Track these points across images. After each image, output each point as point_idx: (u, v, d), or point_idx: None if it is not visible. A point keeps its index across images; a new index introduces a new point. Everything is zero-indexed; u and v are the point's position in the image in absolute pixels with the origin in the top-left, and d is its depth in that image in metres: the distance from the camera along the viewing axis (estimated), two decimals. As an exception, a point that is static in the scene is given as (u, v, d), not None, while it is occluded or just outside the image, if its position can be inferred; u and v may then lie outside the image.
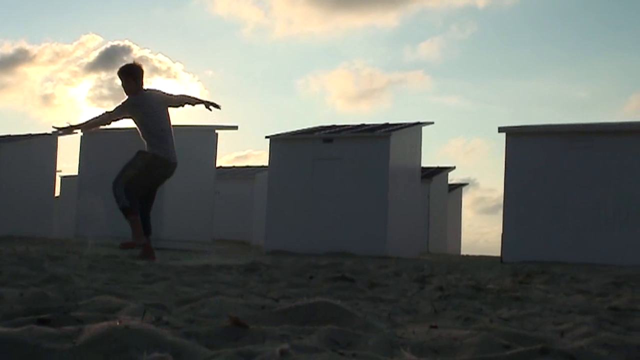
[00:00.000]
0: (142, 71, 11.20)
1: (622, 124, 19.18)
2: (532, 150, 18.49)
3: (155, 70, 67.85)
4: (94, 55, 72.70)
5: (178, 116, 76.70)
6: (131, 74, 11.04)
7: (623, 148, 17.86)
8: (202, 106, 11.32)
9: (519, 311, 4.69)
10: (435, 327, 3.23)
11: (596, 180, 17.80)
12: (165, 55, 79.02)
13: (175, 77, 65.98)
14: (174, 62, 76.86)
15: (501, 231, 18.87)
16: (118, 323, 2.52)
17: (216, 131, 22.03)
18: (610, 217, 17.68)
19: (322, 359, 2.09)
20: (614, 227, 17.61)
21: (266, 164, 21.87)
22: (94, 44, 72.12)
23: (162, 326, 2.79)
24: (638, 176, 17.60)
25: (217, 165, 24.00)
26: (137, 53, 67.34)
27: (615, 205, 17.66)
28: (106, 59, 66.25)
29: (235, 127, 22.44)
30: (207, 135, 21.79)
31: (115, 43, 69.65)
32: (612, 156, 17.80)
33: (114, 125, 11.63)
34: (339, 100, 75.61)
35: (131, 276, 6.64)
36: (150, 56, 71.59)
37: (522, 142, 18.66)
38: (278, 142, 21.02)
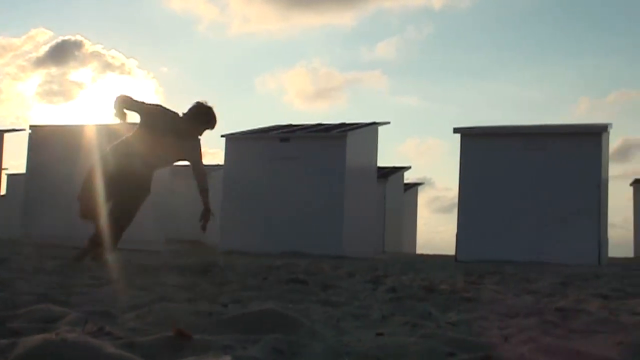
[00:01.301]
0: None
1: (570, 125, 19.43)
2: (486, 151, 18.63)
3: (108, 66, 67.44)
4: (43, 49, 71.60)
5: (130, 116, 76.17)
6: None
7: (574, 149, 18.08)
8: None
9: (467, 314, 4.73)
10: (382, 334, 3.25)
11: (548, 180, 17.98)
12: (119, 51, 78.19)
13: (129, 73, 65.54)
14: (127, 58, 76.24)
15: (456, 230, 19.00)
16: (54, 335, 2.45)
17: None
18: (560, 217, 17.86)
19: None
20: (564, 227, 17.80)
21: (222, 162, 21.79)
22: (44, 38, 71.17)
23: (103, 337, 2.77)
24: (585, 178, 17.83)
25: (172, 164, 23.83)
26: (90, 48, 66.79)
27: (566, 206, 17.85)
28: (56, 54, 65.63)
29: (190, 126, 22.32)
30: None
31: (66, 38, 69.16)
32: (563, 157, 18.00)
33: (63, 122, 11.20)
34: (296, 99, 75.57)
35: (79, 279, 6.59)
36: (103, 52, 71.02)
37: (476, 142, 18.79)
38: (233, 141, 20.95)
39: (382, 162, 25.17)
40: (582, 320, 4.46)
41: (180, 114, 9.85)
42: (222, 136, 21.12)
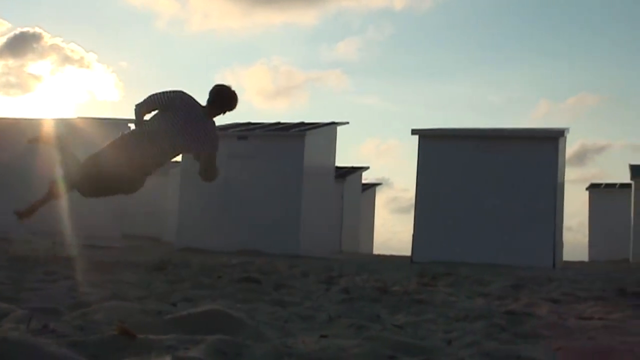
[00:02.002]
0: None
1: (528, 129, 19.61)
2: (443, 153, 18.71)
3: (67, 59, 66.99)
4: (1, 41, 71.00)
5: (88, 110, 75.59)
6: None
7: (531, 153, 18.21)
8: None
9: (415, 317, 4.76)
10: (326, 336, 3.27)
11: (504, 183, 18.10)
12: (79, 45, 77.71)
13: (88, 67, 65.12)
14: (87, 52, 75.76)
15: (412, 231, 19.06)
16: (-4, 334, 2.44)
17: (129, 124, 21.79)
18: (513, 219, 17.99)
19: (202, 372, 2.10)
20: (518, 230, 17.93)
21: (180, 159, 21.72)
22: (1, 30, 70.68)
23: (47, 335, 2.77)
24: (541, 182, 17.98)
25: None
26: (49, 41, 66.26)
27: (522, 209, 17.98)
28: (14, 45, 65.00)
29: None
30: (119, 129, 21.53)
31: (24, 29, 68.54)
32: (520, 161, 18.13)
33: (20, 115, 11.06)
34: (256, 96, 75.48)
35: (32, 275, 6.56)
36: (63, 45, 70.59)
37: (433, 144, 18.86)
38: (191, 139, 20.87)
39: (340, 162, 25.24)
40: (530, 324, 4.51)
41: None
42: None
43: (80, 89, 64.80)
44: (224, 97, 9.82)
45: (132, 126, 21.61)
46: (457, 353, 2.98)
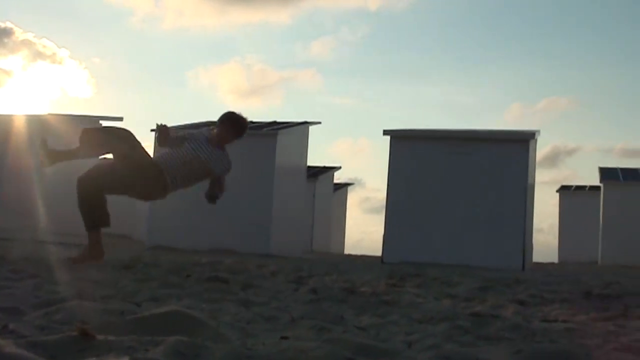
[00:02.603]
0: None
1: (499, 131, 19.70)
2: (414, 154, 18.78)
3: (39, 55, 66.62)
4: (-30, 36, 70.34)
5: (60, 106, 75.08)
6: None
7: (502, 155, 18.31)
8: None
9: (380, 318, 4.79)
10: (286, 338, 3.28)
11: (472, 185, 18.19)
12: (51, 40, 77.30)
13: (60, 63, 64.75)
14: (59, 48, 75.31)
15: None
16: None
17: (100, 121, 21.71)
18: (483, 221, 18.08)
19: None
20: (488, 231, 18.02)
21: (151, 153, 21.66)
22: (-30, 25, 69.97)
23: (5, 335, 2.76)
24: (511, 183, 18.07)
25: (102, 156, 23.68)
26: (20, 36, 65.74)
27: (492, 210, 18.07)
28: (-16, 40, 64.36)
29: (120, 119, 22.17)
30: (90, 126, 21.44)
31: (-5, 24, 67.83)
32: (491, 163, 18.23)
33: None
34: (229, 95, 75.38)
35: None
36: (35, 40, 70.04)
37: (405, 145, 18.92)
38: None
39: (312, 161, 25.25)
40: (494, 326, 4.53)
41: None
42: (151, 130, 21.00)
43: (52, 85, 64.38)
44: (233, 122, 9.75)
45: (103, 123, 21.51)
46: (416, 356, 3.00)
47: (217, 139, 9.57)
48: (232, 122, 9.83)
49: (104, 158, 9.25)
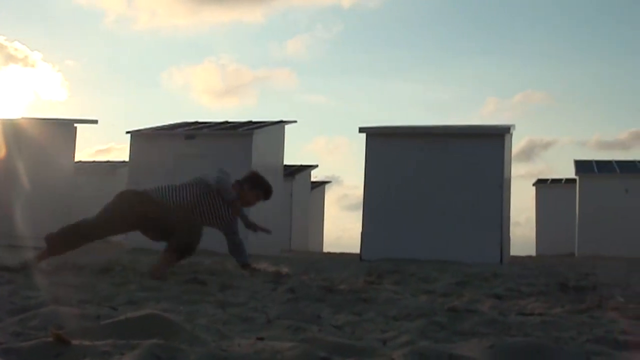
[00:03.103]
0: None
1: (474, 127, 19.79)
2: (390, 151, 18.81)
3: (11, 58, 65.90)
4: (-62, 40, 69.73)
5: (33, 110, 74.80)
6: None
7: (477, 150, 18.37)
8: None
9: (357, 316, 4.82)
10: (262, 339, 3.30)
11: (449, 180, 18.24)
12: (23, 43, 76.71)
13: (33, 66, 64.32)
14: (32, 51, 74.82)
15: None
16: None
17: (75, 125, 21.65)
18: (460, 216, 18.14)
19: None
20: (465, 226, 18.08)
21: (128, 158, 21.63)
22: (-62, 28, 69.45)
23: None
24: (487, 178, 18.14)
25: (77, 159, 23.64)
26: (-9, 40, 65.28)
27: (469, 205, 18.14)
28: (-47, 44, 63.77)
29: (95, 122, 22.12)
30: (65, 129, 21.39)
31: (-36, 27, 67.31)
32: (467, 158, 18.29)
33: None
34: (204, 95, 75.23)
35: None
36: (6, 44, 69.39)
37: (381, 142, 18.96)
38: (139, 138, 20.80)
39: (289, 160, 25.27)
40: (470, 321, 4.57)
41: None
42: (127, 132, 20.97)
43: (25, 89, 63.99)
44: (266, 191, 9.93)
45: (78, 126, 21.41)
46: (390, 353, 3.03)
47: (242, 201, 9.64)
48: (266, 191, 9.93)
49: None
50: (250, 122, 21.98)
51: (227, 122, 22.49)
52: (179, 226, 8.72)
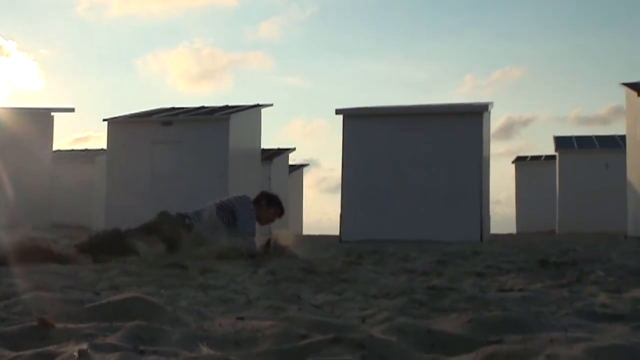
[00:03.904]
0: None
1: (451, 105, 19.84)
2: (367, 132, 18.87)
3: (-15, 49, 65.49)
4: None
5: (9, 100, 74.45)
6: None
7: (455, 129, 18.44)
8: None
9: (337, 296, 4.86)
10: (242, 318, 3.33)
11: (427, 160, 18.32)
12: (-4, 33, 76.27)
13: (8, 55, 63.92)
14: (6, 40, 74.48)
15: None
16: None
17: (52, 113, 21.63)
18: (440, 196, 18.23)
19: (116, 358, 2.15)
20: (445, 205, 18.17)
21: (106, 146, 21.62)
22: None
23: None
24: (466, 157, 18.23)
25: (55, 148, 23.62)
26: (-36, 30, 64.85)
27: (445, 185, 18.22)
28: None
29: (72, 110, 22.12)
30: (42, 118, 21.38)
31: (-63, 18, 66.78)
32: (445, 137, 18.36)
33: None
34: (179, 80, 74.99)
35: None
36: (-21, 35, 69.12)
37: (358, 123, 19.01)
38: (116, 125, 20.81)
39: (266, 144, 25.30)
40: (450, 298, 4.61)
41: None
42: (104, 120, 20.95)
43: (0, 79, 63.64)
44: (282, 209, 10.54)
45: (55, 115, 21.36)
46: (368, 329, 3.07)
47: (261, 219, 10.22)
48: (282, 208, 10.56)
49: None
50: (226, 107, 22.00)
51: (203, 107, 22.51)
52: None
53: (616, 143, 29.03)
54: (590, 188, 28.03)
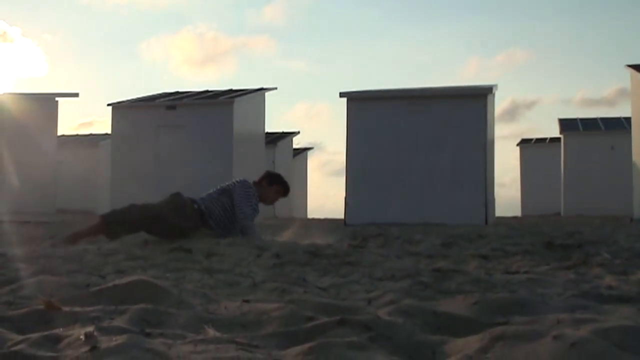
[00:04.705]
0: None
1: (456, 88, 19.78)
2: (371, 115, 18.83)
3: (-10, 35, 65.46)
4: None
5: (14, 85, 74.44)
6: None
7: (459, 111, 18.40)
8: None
9: (342, 278, 4.85)
10: (248, 301, 3.33)
11: (431, 143, 18.29)
12: (1, 19, 76.21)
13: (12, 41, 63.89)
14: (10, 26, 74.41)
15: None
16: None
17: (56, 99, 21.63)
18: (444, 178, 18.21)
19: (123, 340, 2.15)
20: (448, 188, 18.16)
21: (110, 131, 21.62)
22: None
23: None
24: (470, 139, 18.17)
25: (60, 133, 23.63)
26: (-31, 17, 64.79)
27: (449, 167, 18.19)
28: None
29: (76, 95, 22.11)
30: (46, 103, 21.38)
31: (-58, 5, 66.71)
32: (449, 119, 18.32)
33: None
34: (183, 65, 75.08)
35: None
36: (-15, 21, 69.04)
37: (362, 106, 18.97)
38: (120, 110, 20.82)
39: (270, 127, 25.30)
40: (456, 280, 4.61)
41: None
42: (108, 105, 20.95)
43: (5, 65, 63.64)
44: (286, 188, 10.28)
45: (60, 100, 21.34)
46: (374, 311, 3.07)
47: (263, 198, 9.99)
48: (285, 186, 10.28)
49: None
50: (230, 91, 21.99)
51: (207, 91, 22.49)
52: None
53: (622, 125, 28.94)
54: (595, 170, 27.98)
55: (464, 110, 18.44)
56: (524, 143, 35.48)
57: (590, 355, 2.05)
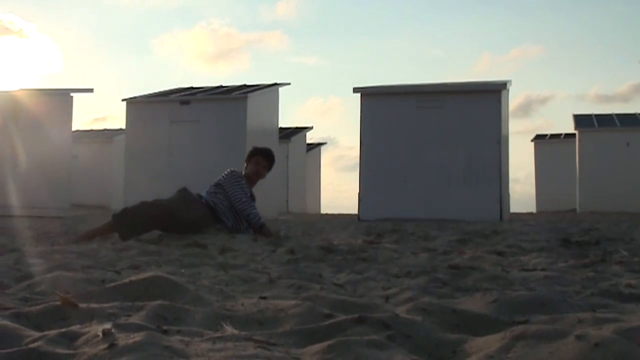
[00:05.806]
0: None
1: (469, 83, 19.72)
2: (385, 110, 18.80)
3: (6, 31, 65.74)
4: None
5: (30, 81, 74.52)
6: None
7: (474, 107, 18.36)
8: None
9: (357, 275, 4.83)
10: (265, 298, 3.32)
11: (446, 139, 18.24)
12: (17, 15, 76.50)
13: (28, 37, 64.08)
14: (26, 22, 74.64)
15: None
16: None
17: (71, 94, 21.64)
18: (458, 174, 18.16)
19: (141, 337, 2.13)
20: (463, 184, 18.12)
21: (125, 126, 21.65)
22: None
23: (-10, 308, 2.80)
24: (484, 135, 18.12)
25: (74, 128, 23.66)
26: (-14, 13, 65.00)
27: (463, 163, 18.15)
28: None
29: (91, 90, 22.09)
30: (61, 99, 21.38)
31: (-43, 1, 66.90)
32: (463, 115, 18.28)
33: None
34: (197, 60, 75.14)
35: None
36: (1, 16, 69.29)
37: (376, 102, 18.94)
38: (134, 105, 20.83)
39: (284, 123, 25.30)
40: (472, 277, 4.59)
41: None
42: (122, 100, 20.96)
43: (21, 61, 63.83)
44: (265, 154, 10.25)
45: (74, 95, 21.34)
46: (392, 309, 3.04)
47: (251, 176, 10.11)
48: (264, 153, 10.24)
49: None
50: (244, 86, 21.99)
51: (221, 87, 22.50)
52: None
53: (637, 121, 28.85)
54: (611, 167, 27.83)
55: (479, 106, 18.40)
56: (539, 139, 35.38)
57: (615, 356, 2.02)
